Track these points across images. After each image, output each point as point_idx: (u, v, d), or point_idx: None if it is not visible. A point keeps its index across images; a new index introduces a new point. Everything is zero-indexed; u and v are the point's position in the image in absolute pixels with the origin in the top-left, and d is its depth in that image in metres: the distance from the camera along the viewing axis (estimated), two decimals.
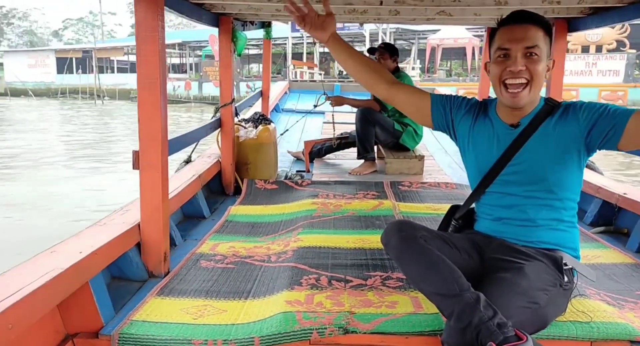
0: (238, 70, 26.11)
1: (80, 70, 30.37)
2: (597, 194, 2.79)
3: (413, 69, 20.49)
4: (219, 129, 3.24)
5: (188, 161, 3.31)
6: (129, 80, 27.90)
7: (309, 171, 3.86)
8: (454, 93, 1.67)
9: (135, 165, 1.89)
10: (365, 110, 3.68)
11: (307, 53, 25.83)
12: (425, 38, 24.13)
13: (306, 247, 2.11)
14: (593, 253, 2.24)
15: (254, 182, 3.27)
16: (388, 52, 3.77)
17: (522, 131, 1.45)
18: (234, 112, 3.30)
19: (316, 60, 25.31)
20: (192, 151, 3.29)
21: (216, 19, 3.10)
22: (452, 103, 1.60)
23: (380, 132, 3.76)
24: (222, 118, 3.22)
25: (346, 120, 5.08)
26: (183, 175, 2.81)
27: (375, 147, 4.01)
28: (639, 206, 2.44)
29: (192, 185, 2.67)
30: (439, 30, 21.83)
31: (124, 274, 1.89)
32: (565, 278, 1.44)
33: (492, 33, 1.49)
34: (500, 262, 1.45)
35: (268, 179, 3.33)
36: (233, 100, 3.24)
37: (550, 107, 1.46)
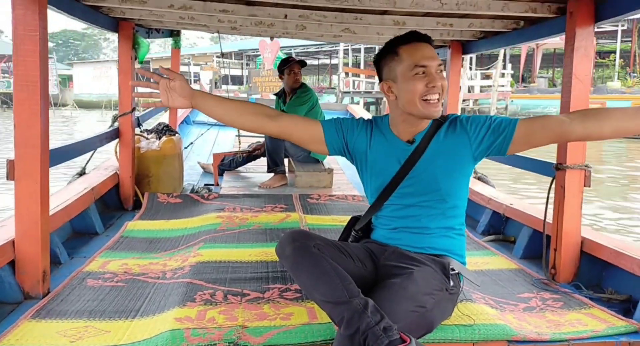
0: None
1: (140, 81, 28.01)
2: (488, 205, 2.99)
3: (503, 76, 17.93)
4: (118, 140, 3.06)
5: (82, 173, 3.08)
6: None
7: (217, 184, 3.76)
8: (342, 117, 1.68)
9: (10, 176, 1.72)
10: None
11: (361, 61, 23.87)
12: None
13: (205, 261, 2.04)
14: (483, 260, 2.38)
15: (156, 195, 3.11)
16: (300, 65, 3.81)
17: (417, 147, 1.53)
18: (134, 122, 3.14)
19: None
20: (87, 162, 3.07)
21: (115, 24, 2.95)
22: (344, 127, 1.61)
23: (290, 145, 3.77)
24: (121, 128, 3.04)
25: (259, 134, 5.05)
26: (73, 187, 2.61)
27: (286, 160, 4.01)
28: (523, 216, 2.65)
29: (82, 198, 2.48)
30: None
31: None
32: (452, 283, 1.50)
33: (385, 51, 1.54)
34: (391, 269, 1.49)
35: (172, 193, 3.19)
36: (134, 109, 3.08)
37: (439, 122, 1.55)
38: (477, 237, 2.80)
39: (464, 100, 15.97)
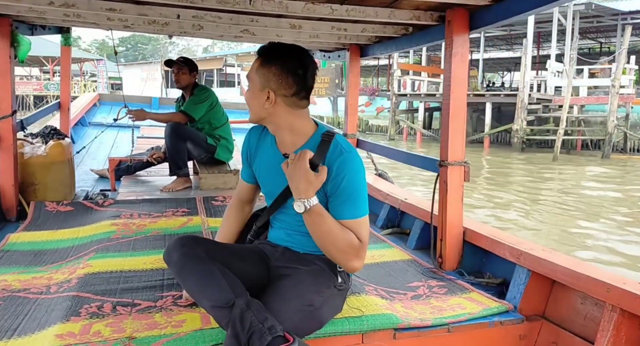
0: (337, 81, 21.26)
1: None
2: (386, 200, 3.15)
3: (624, 72, 13.07)
4: None
5: None
6: (228, 95, 23.03)
7: (114, 190, 3.58)
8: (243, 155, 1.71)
9: None
10: (174, 125, 3.57)
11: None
12: None
13: (94, 272, 1.94)
14: (380, 253, 2.51)
15: (44, 204, 2.90)
16: (187, 67, 3.71)
17: None
18: (16, 126, 2.89)
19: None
20: None
21: None
22: (245, 160, 1.68)
23: (193, 148, 3.69)
24: (0, 132, 2.79)
25: (162, 135, 4.87)
26: None
27: (191, 162, 3.92)
28: (415, 209, 2.83)
29: None
30: None
31: None
32: (340, 280, 1.57)
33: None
34: (282, 269, 1.54)
35: (62, 201, 2.99)
36: (14, 111, 2.84)
37: (325, 142, 1.47)
38: (376, 231, 2.94)
39: (567, 107, 13.01)
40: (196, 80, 3.81)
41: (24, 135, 3.08)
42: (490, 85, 20.71)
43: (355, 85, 3.77)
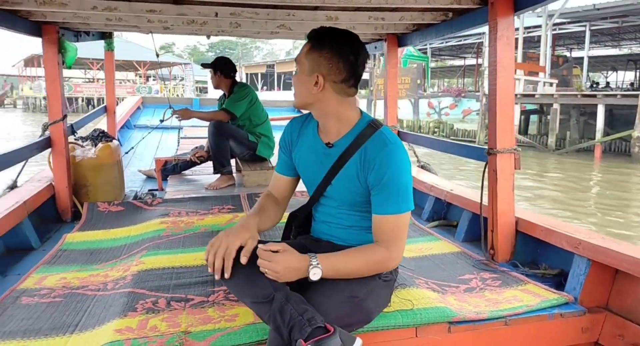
0: (419, 81, 19.95)
1: (265, 87, 26.49)
2: (431, 192, 3.08)
3: None
4: (50, 149, 2.92)
5: (13, 187, 2.91)
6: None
7: (162, 189, 3.67)
8: (281, 147, 1.68)
9: None
10: (217, 124, 3.62)
11: (527, 51, 17.07)
12: None
13: (147, 269, 1.98)
14: (427, 246, 2.46)
15: (96, 205, 3.00)
16: (217, 69, 3.76)
17: (340, 155, 1.47)
18: (67, 130, 3.00)
19: (544, 62, 16.59)
20: (18, 175, 2.92)
21: (37, 28, 2.80)
22: (285, 150, 1.65)
23: (235, 145, 3.73)
24: (53, 137, 2.90)
25: (205, 135, 4.97)
26: (3, 202, 2.47)
27: (234, 160, 3.97)
28: (462, 200, 2.75)
29: (14, 213, 2.35)
30: None
31: None
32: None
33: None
34: None
35: (113, 201, 3.08)
36: (65, 116, 2.95)
37: (369, 131, 1.45)
38: (422, 224, 2.88)
39: None
40: (235, 79, 3.86)
41: (75, 139, 3.19)
42: (595, 85, 18.37)
43: (394, 76, 3.70)
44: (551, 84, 15.21)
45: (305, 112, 1.59)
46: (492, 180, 2.25)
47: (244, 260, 1.33)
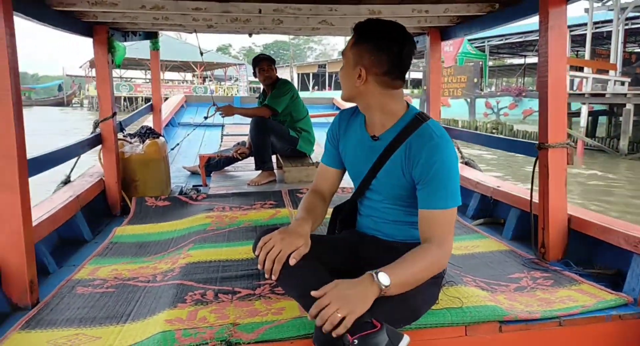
0: (475, 80, 19.02)
1: (317, 87, 27.17)
2: (476, 189, 3.01)
3: None
4: (101, 146, 3.03)
5: (67, 182, 3.04)
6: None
7: (205, 185, 3.74)
8: (328, 138, 1.67)
9: None
10: (259, 120, 3.66)
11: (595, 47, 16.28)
12: None
13: (195, 262, 2.03)
14: (473, 244, 2.40)
15: (144, 199, 3.09)
16: (273, 62, 3.86)
17: (385, 148, 1.46)
18: (116, 127, 3.10)
19: (615, 59, 15.17)
20: (71, 170, 3.04)
21: (89, 28, 2.90)
22: (332, 142, 1.64)
23: (276, 140, 3.76)
24: (103, 133, 3.01)
25: (246, 132, 5.04)
26: (58, 196, 2.58)
27: (275, 157, 4.00)
28: (510, 197, 2.67)
29: (68, 206, 2.45)
30: None
31: None
32: None
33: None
34: (369, 259, 1.50)
35: (159, 196, 3.17)
36: (114, 113, 3.05)
37: (415, 123, 1.43)
38: (467, 221, 2.81)
39: None
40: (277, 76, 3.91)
41: (123, 136, 3.30)
42: None
43: (437, 71, 3.63)
44: (622, 83, 13.79)
45: (350, 105, 1.58)
46: (543, 175, 2.16)
47: (292, 261, 1.34)
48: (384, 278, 1.24)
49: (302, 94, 4.66)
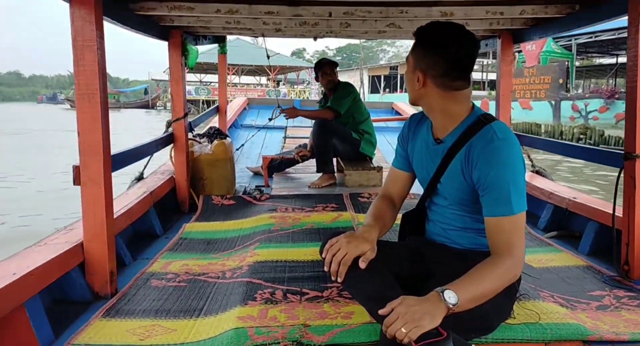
0: (561, 81, 18.12)
1: (388, 89, 27.96)
2: (549, 200, 2.86)
3: None
4: (172, 145, 3.15)
5: (140, 178, 3.19)
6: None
7: (268, 185, 3.80)
8: (399, 141, 1.67)
9: (76, 181, 1.80)
10: (322, 122, 3.68)
11: None
12: None
13: (262, 261, 2.05)
14: (547, 257, 2.28)
15: (211, 198, 3.18)
16: (330, 66, 3.87)
17: (447, 151, 1.43)
18: (187, 127, 3.22)
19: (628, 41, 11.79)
20: (145, 168, 3.18)
21: (165, 32, 3.03)
22: (402, 144, 1.64)
23: (339, 142, 3.77)
24: (175, 133, 3.13)
25: (307, 134, 5.09)
26: (133, 192, 2.71)
27: (335, 160, 4.01)
28: (588, 209, 2.51)
29: (142, 202, 2.57)
30: None
31: (67, 296, 1.77)
32: None
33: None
34: (438, 267, 1.47)
35: (225, 195, 3.25)
36: (186, 114, 3.17)
37: (477, 125, 1.38)
38: (538, 233, 2.68)
39: None
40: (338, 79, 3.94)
41: (193, 136, 3.41)
42: None
43: (508, 74, 3.50)
44: None
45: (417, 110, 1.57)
46: (628, 187, 2.02)
47: (362, 265, 1.33)
48: (451, 296, 1.20)
49: (371, 97, 4.64)
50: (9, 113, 34.19)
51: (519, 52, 18.54)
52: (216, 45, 4.43)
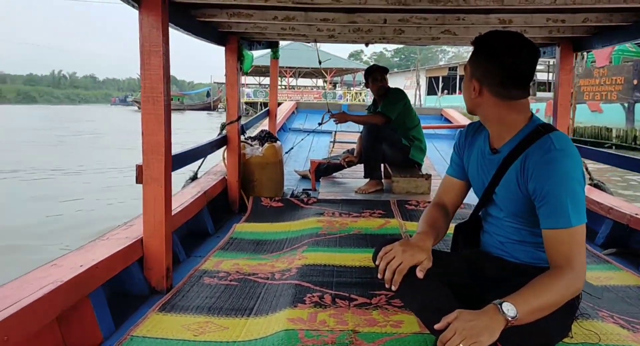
0: (635, 82, 16.42)
1: (446, 90, 28.13)
2: (608, 215, 2.74)
3: None
4: (225, 146, 3.25)
5: (194, 178, 3.30)
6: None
7: (315, 189, 3.84)
8: (455, 149, 1.65)
9: (139, 179, 1.89)
10: (372, 127, 3.68)
11: None
12: None
13: (310, 264, 2.08)
14: (605, 275, 2.18)
15: (260, 199, 3.25)
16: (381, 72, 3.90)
17: (503, 161, 1.40)
18: (240, 130, 3.31)
19: None
20: (199, 168, 3.29)
21: (223, 37, 3.13)
22: (458, 152, 1.62)
23: (388, 148, 3.75)
24: (229, 135, 3.23)
25: (354, 140, 5.10)
26: (188, 191, 2.81)
27: (382, 166, 4.00)
28: None
29: (197, 201, 2.66)
30: None
31: (125, 289, 1.86)
32: None
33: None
34: (495, 281, 1.44)
35: (274, 197, 3.31)
36: (239, 117, 3.25)
37: (534, 135, 1.35)
38: (596, 250, 2.57)
39: None
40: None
41: (244, 138, 3.50)
42: None
43: (567, 83, 3.38)
44: None
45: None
46: None
47: (420, 274, 1.32)
48: (510, 309, 1.17)
49: (428, 99, 4.58)
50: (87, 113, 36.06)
51: (588, 51, 17.36)
52: (269, 50, 4.52)
